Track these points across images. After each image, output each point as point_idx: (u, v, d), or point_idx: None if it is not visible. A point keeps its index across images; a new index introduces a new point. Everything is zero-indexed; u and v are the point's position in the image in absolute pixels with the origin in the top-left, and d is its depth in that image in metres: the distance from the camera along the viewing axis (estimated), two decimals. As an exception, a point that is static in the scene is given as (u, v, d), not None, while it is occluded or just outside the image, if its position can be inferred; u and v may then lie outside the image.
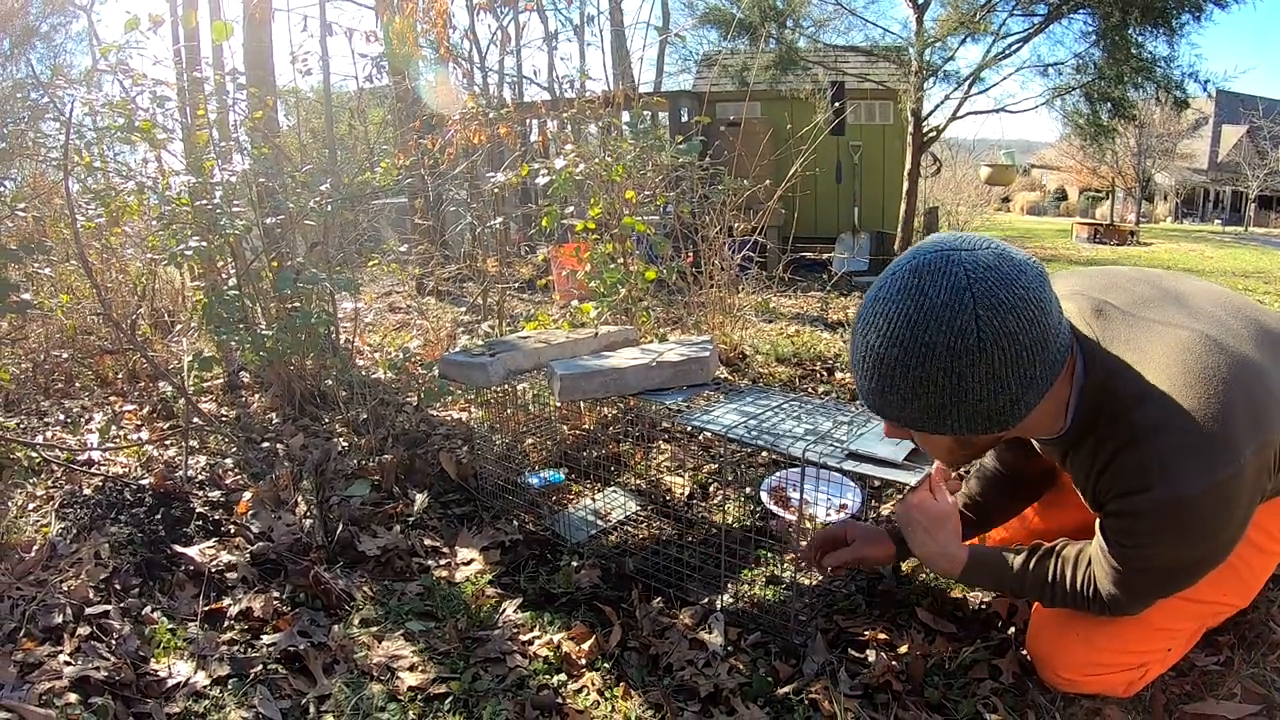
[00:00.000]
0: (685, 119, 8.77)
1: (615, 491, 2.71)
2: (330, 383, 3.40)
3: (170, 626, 1.98)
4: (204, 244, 3.00)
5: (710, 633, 1.94)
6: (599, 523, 2.50)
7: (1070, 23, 12.92)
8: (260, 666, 1.84)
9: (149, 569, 2.22)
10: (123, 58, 3.49)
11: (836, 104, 7.63)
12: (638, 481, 2.82)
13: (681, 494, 2.72)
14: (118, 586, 2.12)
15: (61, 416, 3.53)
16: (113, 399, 3.77)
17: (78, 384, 3.96)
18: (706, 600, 2.09)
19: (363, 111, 6.21)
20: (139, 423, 3.44)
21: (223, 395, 3.74)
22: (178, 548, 2.30)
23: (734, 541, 2.24)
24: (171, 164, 3.59)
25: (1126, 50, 12.46)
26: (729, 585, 2.14)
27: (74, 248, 3.91)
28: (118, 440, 3.14)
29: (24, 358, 3.97)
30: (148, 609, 2.05)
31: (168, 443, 3.11)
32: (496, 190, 4.22)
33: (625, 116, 4.12)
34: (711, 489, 2.74)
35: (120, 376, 4.00)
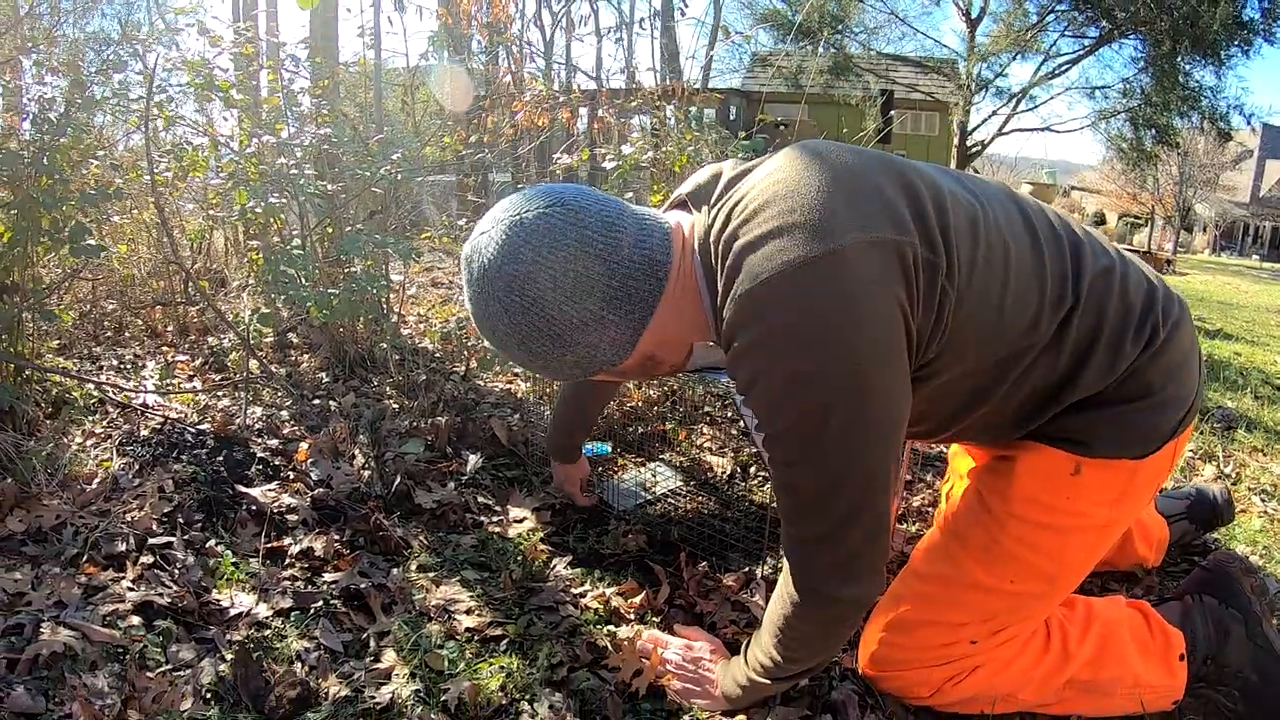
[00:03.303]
0: (733, 116, 8.80)
1: (659, 466, 2.79)
2: (384, 346, 3.48)
3: (233, 560, 2.06)
4: (279, 201, 3.10)
5: (753, 596, 2.02)
6: (644, 494, 2.57)
7: (1121, 47, 12.95)
8: (321, 602, 1.92)
9: (212, 506, 2.30)
10: (199, 18, 3.59)
11: (886, 113, 7.64)
12: (680, 459, 2.89)
13: (723, 473, 2.79)
14: (181, 520, 2.20)
15: (115, 362, 3.61)
16: (164, 349, 3.85)
17: (128, 333, 4.04)
18: (746, 569, 2.17)
19: (416, 88, 6.27)
20: (191, 374, 3.52)
21: (272, 353, 3.83)
22: (240, 487, 2.38)
23: (777, 525, 2.30)
24: (243, 124, 3.68)
25: (1174, 78, 12.46)
26: (768, 559, 2.22)
27: (137, 200, 4.02)
28: (174, 386, 3.22)
29: (74, 304, 4.04)
30: (211, 543, 2.13)
31: (220, 394, 3.19)
32: (561, 173, 4.29)
33: (669, 111, 4.18)
34: (752, 470, 2.81)
35: (171, 329, 4.08)
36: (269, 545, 2.14)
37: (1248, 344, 7.13)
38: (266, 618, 1.87)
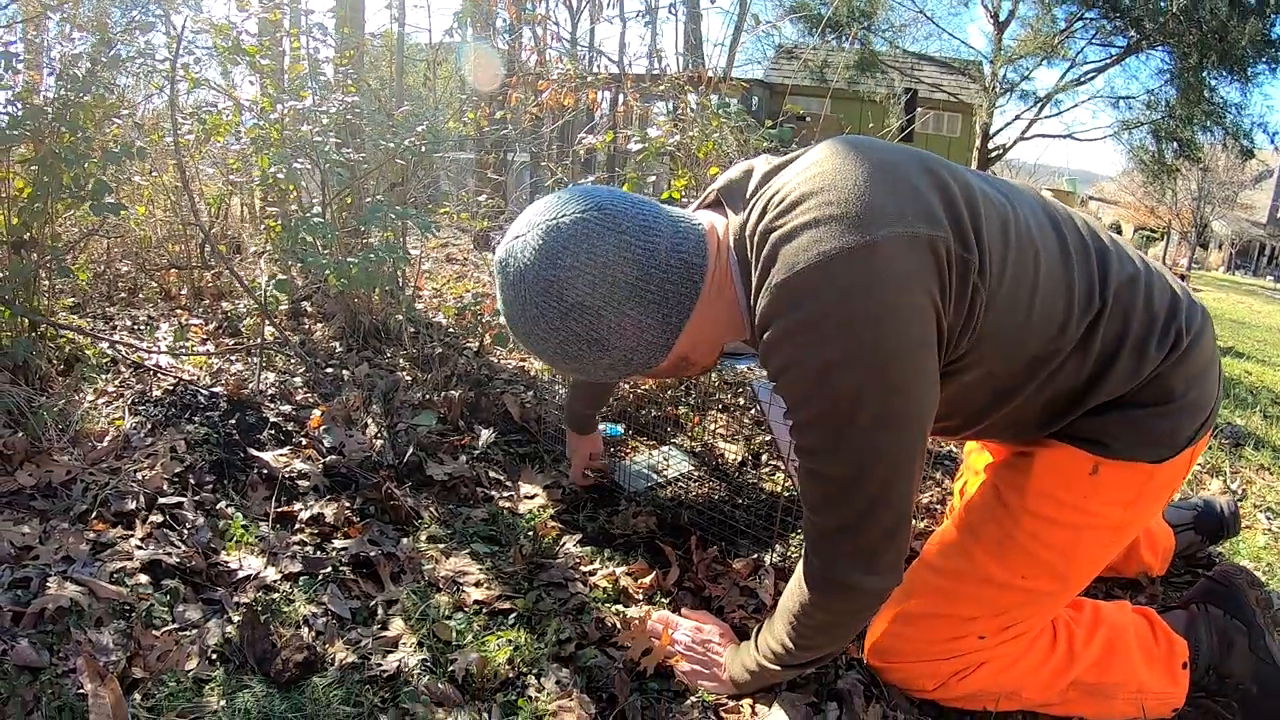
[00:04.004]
0: (755, 107, 8.79)
1: (671, 450, 2.78)
2: (400, 318, 3.48)
3: (243, 523, 2.06)
4: (302, 166, 3.10)
5: (762, 583, 2.01)
6: (655, 476, 2.57)
7: (1147, 58, 12.92)
8: (330, 568, 1.92)
9: (223, 468, 2.30)
10: (226, -18, 3.58)
11: (909, 113, 7.62)
12: (692, 444, 2.88)
13: (734, 460, 2.78)
14: (192, 481, 2.20)
15: (128, 323, 3.61)
16: (177, 312, 3.85)
17: (141, 295, 4.04)
18: (755, 556, 2.17)
19: (438, 64, 6.27)
20: (204, 337, 3.52)
21: (286, 321, 3.82)
22: (252, 451, 2.38)
23: (788, 513, 2.30)
24: (267, 89, 3.67)
25: (1199, 92, 12.43)
26: (777, 547, 2.21)
27: (159, 161, 4.01)
28: (187, 348, 3.22)
29: (90, 264, 4.03)
30: (221, 505, 2.13)
31: (233, 358, 3.19)
32: (584, 154, 4.29)
33: (692, 99, 4.17)
34: (763, 458, 2.81)
35: (185, 292, 4.08)
36: (279, 510, 2.14)
37: (1259, 363, 7.11)
38: (275, 581, 1.87)
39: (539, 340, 1.37)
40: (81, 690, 1.44)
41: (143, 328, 3.56)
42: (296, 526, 2.10)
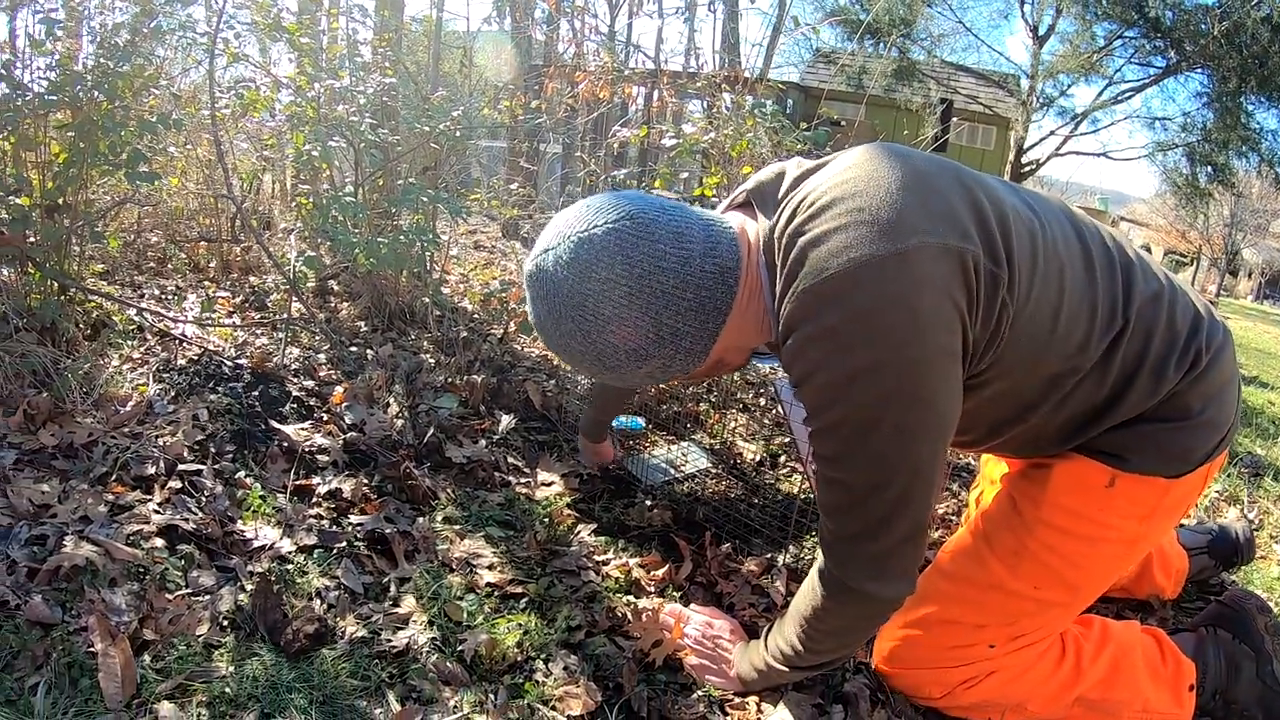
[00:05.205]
0: (789, 110, 8.76)
1: (690, 446, 2.78)
2: (426, 301, 3.49)
3: (261, 494, 2.07)
4: (337, 145, 3.11)
5: (774, 583, 2.01)
6: (673, 471, 2.57)
7: (1186, 80, 12.84)
8: (345, 543, 1.93)
9: (244, 439, 2.31)
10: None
11: (944, 123, 7.58)
12: (711, 441, 2.88)
13: (753, 459, 2.78)
14: (212, 450, 2.21)
15: (156, 292, 3.62)
16: (205, 284, 3.87)
17: (170, 266, 4.06)
18: (769, 556, 2.17)
19: (475, 52, 6.29)
20: (231, 310, 3.54)
21: (313, 299, 3.83)
22: (274, 424, 2.39)
23: (803, 515, 2.30)
24: (304, 68, 3.69)
25: (1236, 117, 12.34)
26: (791, 548, 2.21)
27: (194, 133, 4.03)
28: (213, 319, 3.23)
29: (120, 233, 4.05)
30: (240, 474, 2.15)
31: (259, 332, 3.20)
32: (617, 147, 4.29)
33: (727, 98, 4.17)
34: (781, 459, 2.81)
35: (213, 265, 4.10)
36: (298, 483, 2.15)
37: (1284, 394, 7.04)
38: (289, 553, 1.88)
39: (577, 354, 1.37)
40: (92, 649, 1.45)
41: (170, 297, 3.57)
42: (314, 500, 2.11)
